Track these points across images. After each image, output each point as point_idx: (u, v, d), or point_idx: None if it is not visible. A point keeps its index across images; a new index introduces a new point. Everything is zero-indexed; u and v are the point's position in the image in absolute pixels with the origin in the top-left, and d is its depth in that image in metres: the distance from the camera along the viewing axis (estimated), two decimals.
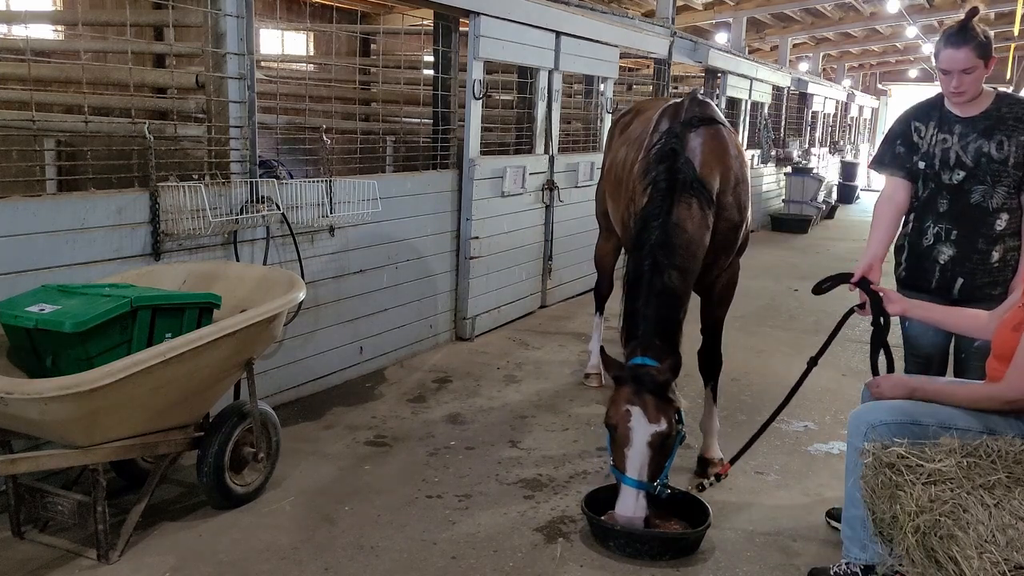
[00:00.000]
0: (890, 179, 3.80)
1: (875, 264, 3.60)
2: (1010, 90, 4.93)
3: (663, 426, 3.45)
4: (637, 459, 3.44)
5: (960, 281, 3.57)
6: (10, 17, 6.41)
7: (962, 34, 3.41)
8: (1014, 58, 22.49)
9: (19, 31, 6.07)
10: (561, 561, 3.44)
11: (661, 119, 4.35)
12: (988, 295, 3.60)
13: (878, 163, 3.87)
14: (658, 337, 3.65)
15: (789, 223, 14.07)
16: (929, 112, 3.67)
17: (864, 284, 3.53)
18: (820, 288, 3.65)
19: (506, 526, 3.69)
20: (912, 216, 3.71)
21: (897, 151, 3.72)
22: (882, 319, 3.46)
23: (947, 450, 2.68)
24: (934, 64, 3.59)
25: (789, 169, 15.01)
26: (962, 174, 3.55)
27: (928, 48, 19.37)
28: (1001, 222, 3.52)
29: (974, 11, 3.45)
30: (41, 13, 7.60)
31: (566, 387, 5.59)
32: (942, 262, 3.60)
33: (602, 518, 3.56)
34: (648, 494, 3.46)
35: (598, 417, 5.04)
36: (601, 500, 3.72)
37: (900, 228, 3.81)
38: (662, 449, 3.49)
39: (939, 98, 3.66)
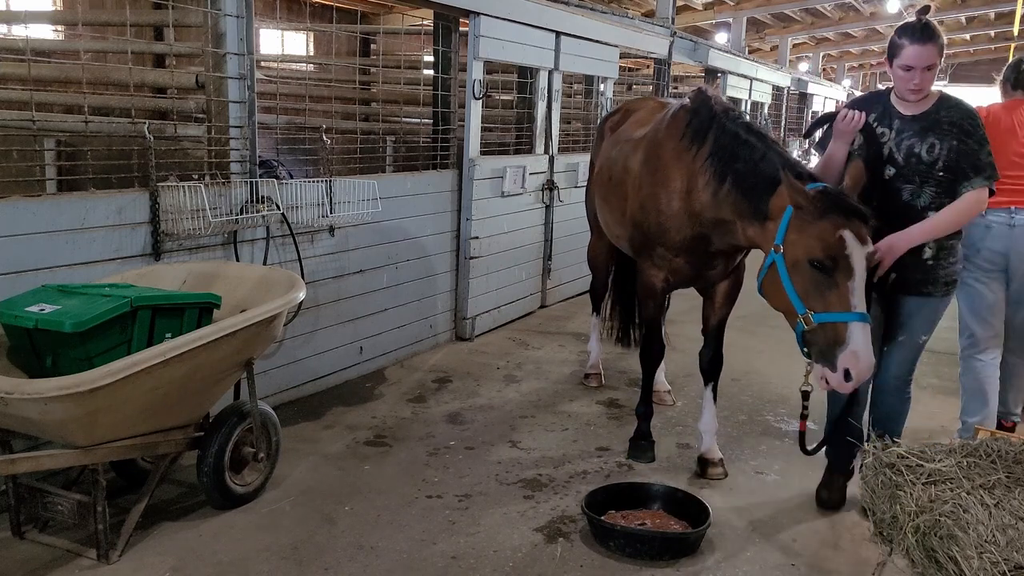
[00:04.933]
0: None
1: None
2: None
3: (871, 246, 3.22)
4: (860, 288, 3.14)
5: (893, 276, 3.60)
6: (10, 17, 6.42)
7: (927, 31, 3.43)
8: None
9: (19, 31, 6.07)
10: (561, 561, 3.44)
11: (678, 112, 4.16)
12: (920, 292, 3.64)
13: (819, 146, 3.88)
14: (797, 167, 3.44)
15: None
16: (872, 104, 3.66)
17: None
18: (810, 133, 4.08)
19: (506, 526, 3.69)
20: None
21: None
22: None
23: (947, 450, 2.69)
24: (892, 61, 3.54)
25: None
26: (892, 171, 3.60)
27: None
28: None
29: (926, 8, 3.49)
30: (41, 13, 7.61)
31: (566, 387, 5.59)
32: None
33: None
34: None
35: (598, 417, 5.04)
36: (601, 500, 3.72)
37: None
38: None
39: (886, 92, 3.68)
